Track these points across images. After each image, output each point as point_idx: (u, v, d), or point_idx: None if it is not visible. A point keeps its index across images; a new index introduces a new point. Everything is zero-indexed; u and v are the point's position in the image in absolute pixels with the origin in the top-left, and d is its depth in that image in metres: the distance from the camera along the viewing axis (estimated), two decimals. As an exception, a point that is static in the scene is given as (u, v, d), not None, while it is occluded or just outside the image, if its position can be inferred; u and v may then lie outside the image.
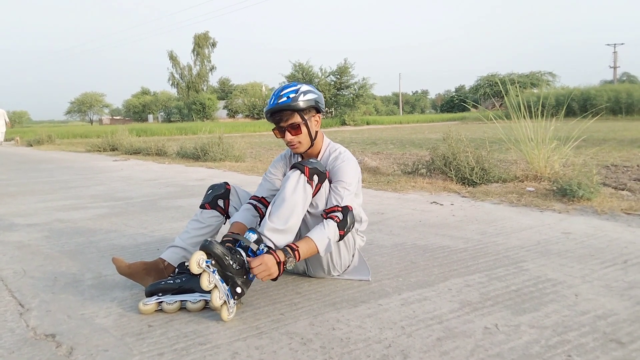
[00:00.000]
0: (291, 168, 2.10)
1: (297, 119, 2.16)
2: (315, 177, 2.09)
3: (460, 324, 1.78)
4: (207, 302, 1.98)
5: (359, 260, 2.35)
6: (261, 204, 2.28)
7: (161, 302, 1.97)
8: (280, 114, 2.16)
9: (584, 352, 1.56)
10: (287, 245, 1.98)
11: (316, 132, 2.25)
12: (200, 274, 1.83)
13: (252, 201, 2.29)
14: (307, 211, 2.13)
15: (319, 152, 2.31)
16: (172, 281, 2.04)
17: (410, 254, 2.71)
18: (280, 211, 2.03)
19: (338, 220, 2.06)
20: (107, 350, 1.65)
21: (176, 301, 1.97)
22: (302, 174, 2.06)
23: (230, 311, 1.87)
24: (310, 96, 2.16)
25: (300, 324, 1.82)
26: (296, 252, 1.96)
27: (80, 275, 2.50)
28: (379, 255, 2.70)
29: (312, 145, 2.26)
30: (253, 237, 1.97)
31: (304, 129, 2.19)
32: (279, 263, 1.90)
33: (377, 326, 1.78)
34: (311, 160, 2.13)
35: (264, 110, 2.21)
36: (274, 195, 2.26)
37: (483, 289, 2.13)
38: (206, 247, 1.86)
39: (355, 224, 2.33)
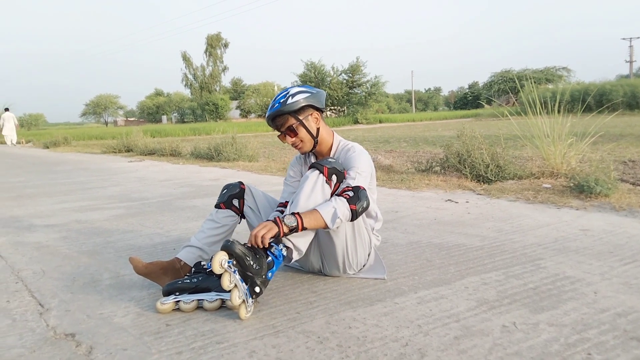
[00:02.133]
0: (310, 168, 2.11)
1: (291, 121, 2.20)
2: (334, 177, 2.09)
3: (477, 323, 1.77)
4: (223, 301, 2.00)
5: (375, 259, 2.34)
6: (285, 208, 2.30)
7: (178, 301, 1.98)
8: (277, 120, 2.22)
9: (604, 350, 1.54)
10: (291, 213, 2.00)
11: (317, 129, 2.27)
12: (222, 274, 1.85)
13: (280, 208, 2.30)
14: None
15: (330, 150, 2.33)
16: (188, 280, 2.06)
17: (425, 252, 2.70)
18: (298, 209, 2.03)
19: (348, 197, 2.04)
20: (126, 349, 1.67)
21: (193, 300, 1.98)
22: (321, 174, 2.07)
23: (248, 310, 1.89)
24: (299, 97, 2.18)
25: (316, 323, 1.82)
26: (297, 215, 1.96)
27: (98, 275, 2.52)
28: (394, 253, 2.69)
29: (316, 142, 2.27)
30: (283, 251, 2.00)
31: (301, 129, 2.22)
32: (276, 223, 1.93)
33: (394, 325, 1.78)
34: (329, 159, 2.13)
35: (266, 118, 2.28)
36: None
37: (500, 287, 2.11)
38: (228, 248, 1.88)
39: (371, 222, 2.32)
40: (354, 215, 2.04)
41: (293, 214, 1.98)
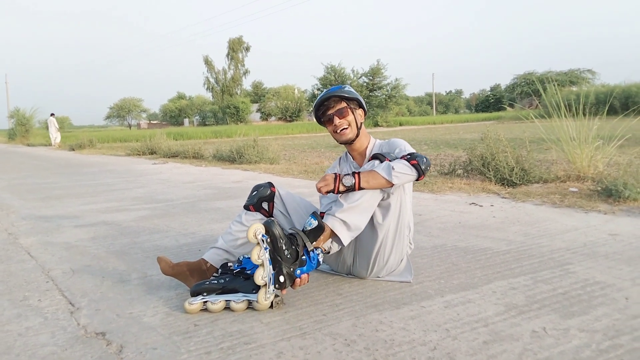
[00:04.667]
0: (372, 158, 2.22)
1: (343, 104, 2.33)
2: None
3: (506, 327, 1.75)
4: (250, 302, 2.01)
5: (405, 266, 2.34)
6: None
7: (206, 301, 2.00)
8: (329, 102, 2.33)
9: (637, 357, 1.51)
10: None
11: (361, 123, 2.39)
12: (252, 252, 1.93)
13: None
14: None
15: (366, 149, 2.41)
16: (215, 281, 2.08)
17: (451, 255, 2.68)
18: (351, 195, 2.10)
19: (406, 158, 2.13)
20: (155, 349, 1.69)
21: (220, 301, 2.00)
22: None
23: (267, 296, 1.93)
24: (354, 90, 2.38)
25: (343, 325, 1.82)
26: (356, 175, 2.08)
27: (126, 275, 2.57)
28: (419, 257, 2.67)
29: (358, 134, 2.36)
30: (314, 223, 2.03)
31: (350, 114, 2.33)
32: (335, 178, 2.07)
33: (421, 328, 1.77)
34: (390, 154, 2.23)
35: (314, 105, 2.39)
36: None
37: (529, 292, 2.08)
38: (267, 224, 1.95)
39: (405, 231, 2.30)
40: (419, 171, 2.10)
41: (353, 173, 2.09)
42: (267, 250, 1.94)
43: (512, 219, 3.51)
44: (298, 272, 1.98)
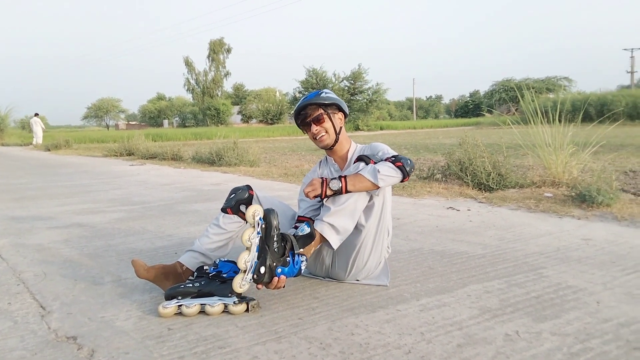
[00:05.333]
0: (357, 160, 2.24)
1: (320, 111, 2.34)
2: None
3: (480, 331, 1.76)
4: (225, 305, 1.99)
5: (382, 269, 2.35)
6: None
7: (181, 305, 1.98)
8: (306, 110, 2.35)
9: (607, 360, 1.53)
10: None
11: (340, 127, 2.40)
12: (244, 232, 1.95)
13: (298, 224, 2.32)
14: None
15: (347, 154, 2.43)
16: (191, 285, 2.06)
17: (427, 259, 2.70)
18: (338, 198, 2.14)
19: (391, 160, 2.16)
20: (127, 353, 1.66)
21: (195, 304, 1.98)
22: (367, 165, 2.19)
23: (243, 282, 1.93)
24: (331, 95, 2.36)
25: (319, 329, 1.82)
26: (342, 179, 2.10)
27: (99, 278, 2.52)
28: (396, 260, 2.68)
29: (337, 139, 2.37)
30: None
31: (327, 120, 2.34)
32: (322, 183, 2.11)
33: (396, 332, 1.78)
34: (375, 155, 2.25)
35: (294, 111, 2.42)
36: (317, 211, 2.35)
37: (503, 296, 2.11)
38: (267, 211, 1.96)
39: (385, 234, 2.31)
40: (404, 172, 2.14)
41: (339, 177, 2.11)
42: (259, 235, 1.94)
43: (488, 224, 3.55)
44: (279, 270, 1.97)
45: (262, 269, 1.93)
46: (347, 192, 2.10)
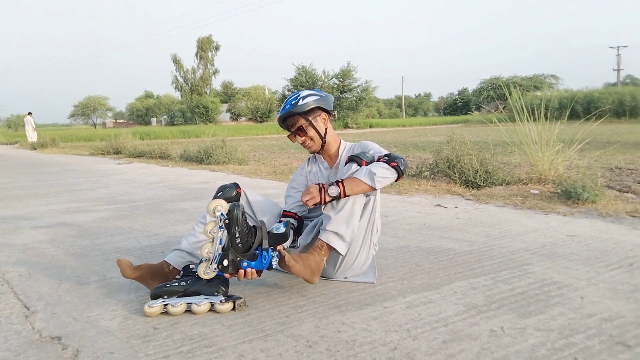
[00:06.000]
0: (349, 161, 2.22)
1: (301, 121, 2.31)
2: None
3: (465, 327, 1.77)
4: (212, 304, 1.99)
5: (370, 266, 2.35)
6: (293, 219, 2.35)
7: (167, 304, 1.97)
8: (288, 121, 2.35)
9: (590, 355, 1.55)
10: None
11: (325, 129, 2.37)
12: (206, 224, 1.98)
13: (287, 218, 2.33)
14: None
15: (337, 151, 2.43)
16: (177, 284, 2.04)
17: (414, 256, 2.71)
18: (337, 204, 2.14)
19: (384, 160, 2.16)
20: (112, 353, 1.65)
21: (181, 303, 1.97)
22: (359, 166, 2.19)
23: (207, 271, 1.96)
24: (309, 99, 2.29)
25: (305, 327, 1.82)
26: (340, 184, 2.10)
27: (85, 277, 2.50)
28: (383, 258, 2.69)
29: (324, 142, 2.37)
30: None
31: (310, 129, 2.33)
32: (320, 190, 2.10)
33: (383, 329, 1.78)
34: (366, 154, 2.25)
35: (278, 118, 2.39)
36: (303, 207, 2.37)
37: (488, 292, 2.12)
38: (232, 207, 1.96)
39: (374, 231, 2.32)
40: (399, 172, 2.15)
41: (336, 182, 2.11)
42: (221, 230, 1.95)
43: (475, 221, 3.57)
44: (245, 264, 1.98)
45: (225, 262, 1.95)
46: (345, 196, 2.11)
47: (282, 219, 2.29)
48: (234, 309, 1.98)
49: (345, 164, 2.25)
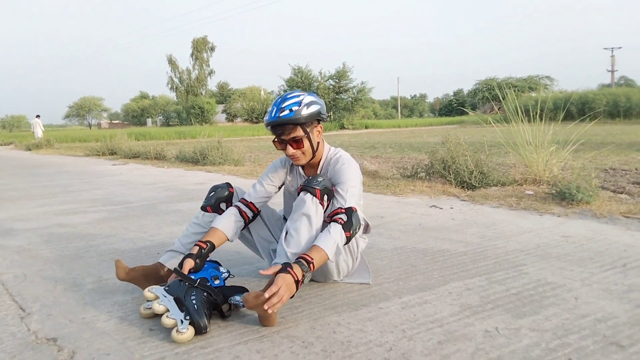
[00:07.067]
0: (301, 190, 2.06)
1: (299, 132, 2.08)
2: (325, 197, 2.06)
3: (460, 327, 1.78)
4: (231, 305, 1.97)
5: (361, 264, 2.34)
6: (248, 209, 2.26)
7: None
8: (283, 127, 2.07)
9: (584, 355, 1.56)
10: (302, 258, 1.88)
11: (318, 143, 2.20)
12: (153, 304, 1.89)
13: (240, 204, 2.26)
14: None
15: (320, 160, 2.26)
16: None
17: (410, 257, 2.72)
18: (299, 238, 1.98)
19: (342, 222, 1.99)
20: (108, 354, 1.65)
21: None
22: (314, 197, 2.02)
23: (181, 330, 1.73)
24: (313, 108, 2.08)
25: (301, 328, 1.83)
26: (311, 265, 1.87)
27: (80, 279, 2.50)
28: (379, 259, 2.70)
29: (314, 156, 2.20)
30: (239, 301, 1.92)
31: (306, 142, 2.12)
32: (297, 282, 1.81)
33: (378, 329, 1.79)
34: (318, 179, 2.07)
35: (265, 120, 2.14)
36: (264, 202, 2.30)
37: (483, 293, 2.13)
38: (173, 285, 1.93)
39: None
40: (348, 241, 2.03)
41: (306, 261, 1.86)
42: (166, 298, 1.88)
43: (470, 221, 3.59)
44: (237, 298, 1.93)
45: (188, 317, 1.78)
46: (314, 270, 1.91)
47: (236, 205, 2.25)
48: (229, 309, 1.96)
49: (298, 193, 2.07)
